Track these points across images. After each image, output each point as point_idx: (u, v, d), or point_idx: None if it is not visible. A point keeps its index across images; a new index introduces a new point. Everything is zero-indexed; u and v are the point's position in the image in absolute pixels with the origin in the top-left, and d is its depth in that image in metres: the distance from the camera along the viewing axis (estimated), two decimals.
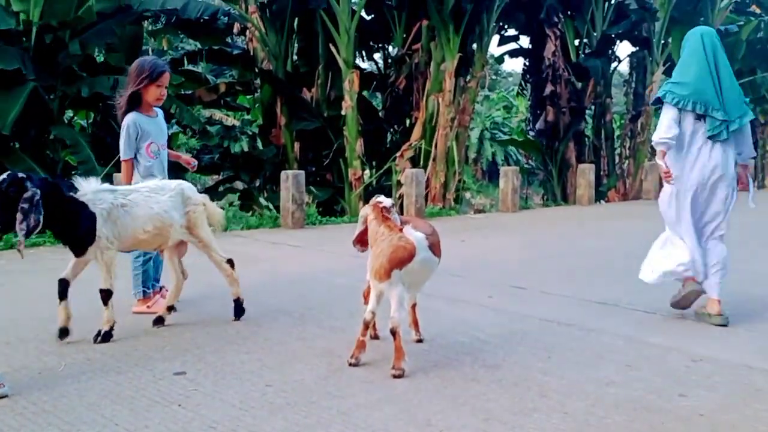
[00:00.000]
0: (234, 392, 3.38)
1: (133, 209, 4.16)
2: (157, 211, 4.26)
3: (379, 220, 3.68)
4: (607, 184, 17.66)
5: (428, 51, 13.91)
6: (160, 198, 4.32)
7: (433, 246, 3.73)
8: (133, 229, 4.16)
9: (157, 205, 4.27)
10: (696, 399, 3.38)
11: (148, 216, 4.21)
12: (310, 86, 14.68)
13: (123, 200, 4.13)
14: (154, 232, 4.27)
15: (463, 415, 3.14)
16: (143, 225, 4.19)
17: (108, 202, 4.04)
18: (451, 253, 7.28)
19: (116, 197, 4.11)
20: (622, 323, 4.74)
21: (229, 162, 15.80)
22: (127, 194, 4.21)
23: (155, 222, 4.25)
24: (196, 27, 13.89)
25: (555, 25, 16.59)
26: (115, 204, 4.07)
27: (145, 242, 4.33)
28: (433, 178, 13.55)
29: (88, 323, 4.50)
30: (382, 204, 3.74)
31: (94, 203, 3.98)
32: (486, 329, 4.54)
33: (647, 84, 17.32)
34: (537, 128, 17.63)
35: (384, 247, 3.56)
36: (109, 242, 4.04)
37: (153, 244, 4.41)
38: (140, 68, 4.68)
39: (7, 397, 3.26)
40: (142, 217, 4.18)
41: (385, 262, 3.54)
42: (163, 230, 4.30)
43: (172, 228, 4.33)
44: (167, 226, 4.30)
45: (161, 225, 4.28)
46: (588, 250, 7.84)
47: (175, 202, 4.38)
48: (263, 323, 4.61)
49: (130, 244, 4.27)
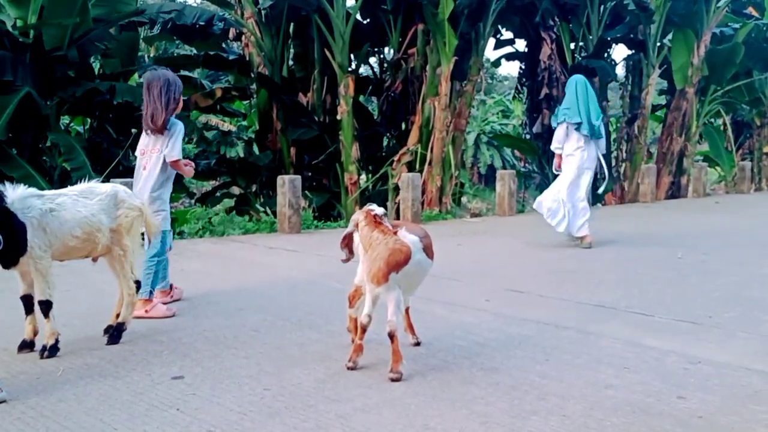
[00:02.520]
0: (232, 396, 3.38)
1: (61, 213, 3.98)
2: (85, 214, 4.09)
3: (372, 225, 3.68)
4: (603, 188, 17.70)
5: (424, 55, 13.93)
6: (88, 201, 4.17)
7: (427, 248, 3.77)
8: (62, 234, 3.98)
9: (85, 209, 4.11)
10: (695, 401, 3.38)
11: (76, 220, 4.04)
12: (306, 91, 14.69)
13: (51, 205, 3.96)
14: (83, 237, 4.09)
15: (461, 418, 3.14)
16: (71, 230, 4.01)
17: (37, 208, 3.87)
18: (447, 258, 7.30)
19: (44, 202, 3.94)
20: (619, 326, 4.74)
21: (225, 167, 15.78)
22: (55, 198, 4.03)
23: (83, 227, 4.07)
24: (192, 32, 13.90)
25: (551, 29, 16.62)
26: (44, 210, 3.90)
27: (75, 249, 4.14)
28: (430, 182, 13.54)
29: (87, 327, 4.50)
30: (374, 212, 3.74)
31: (22, 212, 3.81)
32: (483, 333, 4.54)
33: (643, 87, 17.35)
34: (533, 131, 17.65)
35: (381, 251, 3.57)
36: (41, 251, 3.87)
37: (83, 251, 4.22)
38: (179, 86, 5.10)
39: (5, 402, 3.26)
40: (70, 221, 4.01)
41: (382, 266, 3.55)
42: (91, 235, 4.13)
43: (100, 233, 4.16)
44: (95, 230, 4.13)
45: (89, 230, 4.11)
46: (585, 254, 7.84)
47: (104, 205, 4.22)
48: (261, 328, 4.61)
49: (61, 252, 4.07)
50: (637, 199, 16.28)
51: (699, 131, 18.69)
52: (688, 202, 15.98)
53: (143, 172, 5.06)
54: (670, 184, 18.03)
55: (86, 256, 4.32)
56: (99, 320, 4.55)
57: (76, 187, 4.32)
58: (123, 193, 4.39)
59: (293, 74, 15.26)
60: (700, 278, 6.42)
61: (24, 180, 9.57)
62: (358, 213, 3.82)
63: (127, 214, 4.33)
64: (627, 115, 18.23)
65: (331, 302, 5.27)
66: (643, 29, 16.97)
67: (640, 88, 17.61)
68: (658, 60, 17.15)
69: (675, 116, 17.56)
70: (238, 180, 15.25)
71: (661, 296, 5.66)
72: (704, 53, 16.84)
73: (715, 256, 7.64)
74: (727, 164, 19.92)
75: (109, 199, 4.27)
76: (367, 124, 15.06)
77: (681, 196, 17.92)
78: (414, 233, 3.72)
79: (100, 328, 4.42)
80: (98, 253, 4.30)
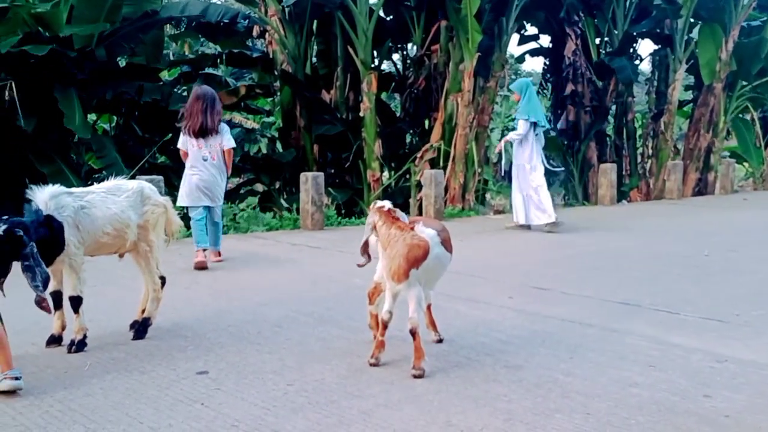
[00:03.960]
0: (256, 391, 3.41)
1: (92, 211, 4.04)
2: (115, 211, 4.15)
3: (389, 222, 3.68)
4: (629, 184, 17.49)
5: (447, 51, 13.87)
6: (117, 198, 4.23)
7: (445, 242, 3.77)
8: (94, 231, 4.04)
9: (115, 206, 4.17)
10: (721, 400, 3.34)
11: (106, 217, 4.10)
12: (329, 88, 14.71)
13: (81, 202, 4.01)
14: (114, 233, 4.16)
15: (484, 415, 3.13)
16: (102, 227, 4.07)
17: (70, 206, 3.92)
18: (470, 254, 7.28)
19: (75, 200, 3.99)
20: (644, 324, 4.69)
21: (249, 164, 15.87)
22: (84, 196, 4.09)
23: (113, 223, 4.13)
24: (216, 30, 13.99)
25: (575, 24, 16.46)
26: (76, 207, 3.95)
27: (106, 245, 4.20)
28: (453, 179, 13.50)
29: (112, 322, 4.56)
30: (385, 208, 3.74)
31: (57, 211, 3.85)
32: (507, 330, 4.52)
33: (670, 82, 17.12)
34: (558, 128, 17.52)
35: (399, 248, 3.57)
36: (76, 248, 3.93)
37: (113, 248, 4.28)
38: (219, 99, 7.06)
39: (21, 390, 3.32)
40: (101, 218, 4.07)
41: (402, 262, 3.55)
42: (121, 231, 4.19)
43: (128, 229, 4.22)
44: (124, 227, 4.19)
45: (119, 226, 4.17)
46: (610, 251, 7.78)
47: (132, 201, 4.28)
48: (283, 324, 4.64)
49: (93, 248, 4.12)
50: (663, 196, 16.09)
51: (727, 127, 18.40)
52: (716, 199, 15.76)
53: (212, 161, 6.81)
54: (697, 180, 17.78)
55: (115, 252, 4.39)
56: (124, 316, 4.61)
57: (103, 184, 4.39)
58: (148, 189, 4.46)
59: (316, 71, 15.30)
60: (727, 276, 6.34)
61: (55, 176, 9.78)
62: (372, 214, 3.81)
63: (153, 210, 4.41)
64: (653, 111, 18.02)
65: (352, 299, 5.28)
66: (670, 24, 16.74)
67: (666, 84, 17.39)
68: (685, 55, 16.90)
69: (702, 112, 17.30)
70: (262, 177, 15.32)
71: (686, 294, 5.59)
72: (732, 48, 16.57)
73: (743, 254, 7.53)
74: (756, 160, 19.58)
75: (135, 196, 4.34)
76: (389, 120, 15.05)
77: (708, 192, 17.67)
78: (431, 227, 3.72)
79: (126, 323, 4.47)
80: (126, 249, 4.36)
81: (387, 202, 3.81)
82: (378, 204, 3.81)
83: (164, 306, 4.57)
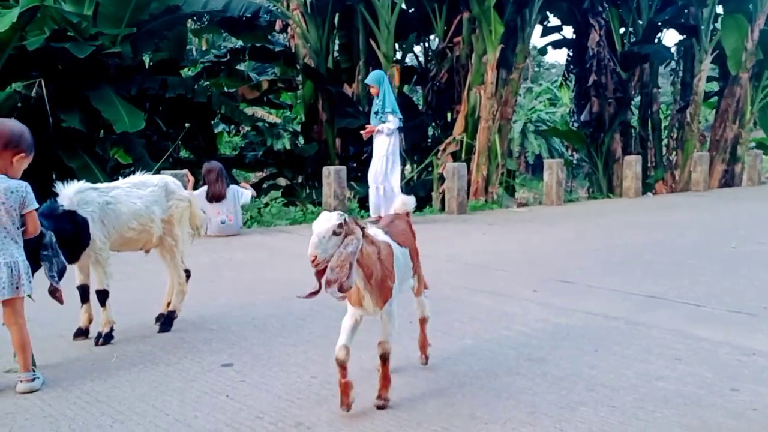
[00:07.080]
0: (280, 384, 3.43)
1: (118, 206, 4.07)
2: (140, 206, 4.17)
3: (367, 240, 2.97)
4: (654, 176, 17.31)
5: (469, 43, 13.82)
6: (142, 193, 4.24)
7: (395, 236, 3.23)
8: (120, 226, 4.07)
9: (140, 201, 4.20)
10: (748, 394, 3.30)
11: (132, 212, 4.13)
12: (351, 82, 14.73)
13: (106, 197, 4.04)
14: (139, 228, 4.18)
15: (508, 408, 3.12)
16: (128, 222, 4.10)
17: (95, 202, 3.95)
18: (493, 248, 7.25)
19: (100, 195, 4.02)
20: (670, 317, 4.65)
21: (272, 159, 15.96)
22: (109, 191, 4.11)
23: (139, 218, 4.16)
24: (239, 25, 14.07)
25: (599, 14, 16.29)
26: (101, 202, 3.98)
27: (132, 241, 4.22)
28: (476, 171, 13.46)
29: (138, 315, 4.62)
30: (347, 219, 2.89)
31: (81, 207, 3.87)
32: (531, 323, 4.50)
33: (695, 73, 16.89)
34: (582, 119, 17.37)
35: (378, 270, 3.00)
36: (102, 243, 3.97)
37: (139, 243, 4.30)
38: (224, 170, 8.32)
39: (39, 391, 3.34)
40: (126, 213, 4.09)
41: (389, 283, 3.06)
42: (146, 226, 4.22)
43: (154, 223, 4.24)
44: (150, 221, 4.21)
45: (145, 221, 4.19)
46: (635, 244, 7.70)
47: (157, 196, 4.30)
48: (307, 317, 4.66)
49: (119, 243, 4.15)
50: (689, 188, 15.89)
51: (754, 118, 18.12)
52: (742, 191, 15.53)
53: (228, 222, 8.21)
54: (724, 172, 17.55)
55: (141, 248, 4.42)
56: (150, 309, 4.66)
57: (128, 179, 4.43)
58: (172, 184, 4.49)
59: (338, 65, 15.32)
60: (754, 269, 6.24)
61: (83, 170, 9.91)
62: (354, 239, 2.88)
63: (177, 205, 4.43)
64: (678, 102, 17.79)
65: None
66: (695, 13, 16.50)
67: (692, 74, 17.16)
68: (710, 45, 16.65)
69: (728, 103, 17.06)
70: (285, 171, 15.41)
71: (712, 287, 5.52)
72: (758, 37, 16.30)
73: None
74: None
75: (160, 191, 4.37)
76: (412, 113, 15.03)
77: (735, 184, 17.43)
78: (379, 228, 3.21)
79: (152, 316, 4.52)
80: (153, 244, 4.40)
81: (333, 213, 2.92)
82: (336, 219, 2.87)
83: (189, 299, 4.60)
